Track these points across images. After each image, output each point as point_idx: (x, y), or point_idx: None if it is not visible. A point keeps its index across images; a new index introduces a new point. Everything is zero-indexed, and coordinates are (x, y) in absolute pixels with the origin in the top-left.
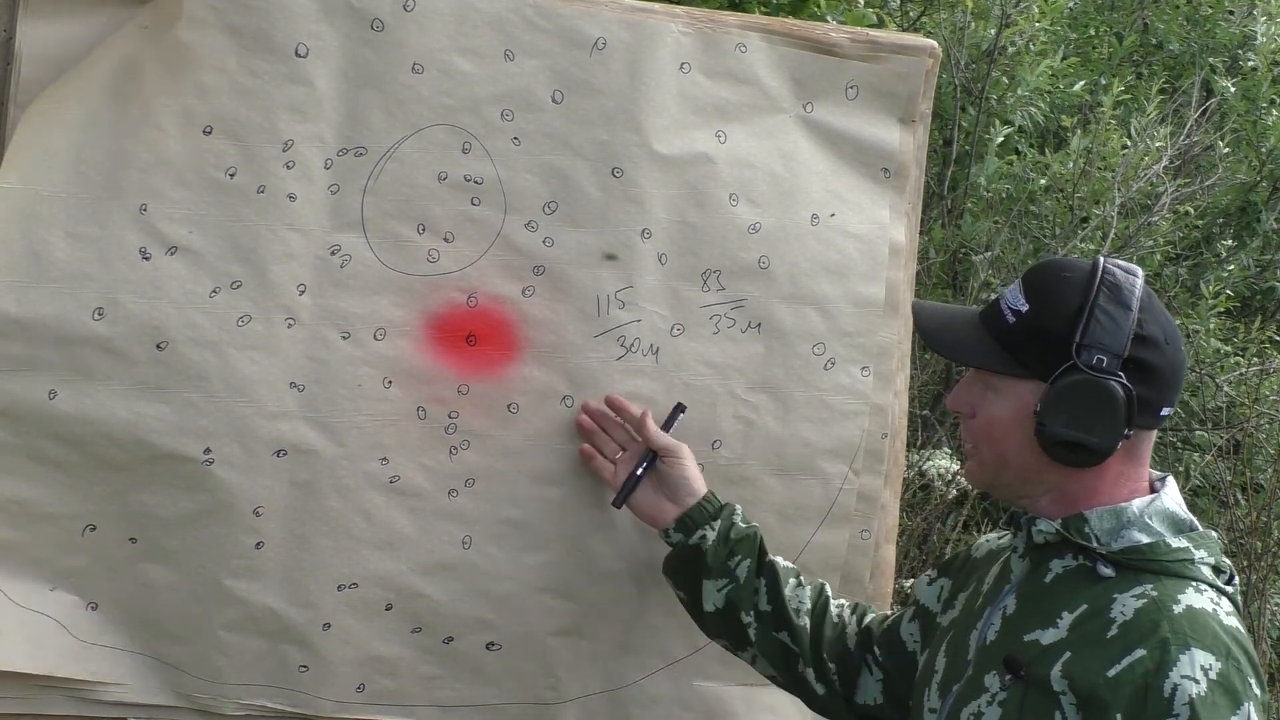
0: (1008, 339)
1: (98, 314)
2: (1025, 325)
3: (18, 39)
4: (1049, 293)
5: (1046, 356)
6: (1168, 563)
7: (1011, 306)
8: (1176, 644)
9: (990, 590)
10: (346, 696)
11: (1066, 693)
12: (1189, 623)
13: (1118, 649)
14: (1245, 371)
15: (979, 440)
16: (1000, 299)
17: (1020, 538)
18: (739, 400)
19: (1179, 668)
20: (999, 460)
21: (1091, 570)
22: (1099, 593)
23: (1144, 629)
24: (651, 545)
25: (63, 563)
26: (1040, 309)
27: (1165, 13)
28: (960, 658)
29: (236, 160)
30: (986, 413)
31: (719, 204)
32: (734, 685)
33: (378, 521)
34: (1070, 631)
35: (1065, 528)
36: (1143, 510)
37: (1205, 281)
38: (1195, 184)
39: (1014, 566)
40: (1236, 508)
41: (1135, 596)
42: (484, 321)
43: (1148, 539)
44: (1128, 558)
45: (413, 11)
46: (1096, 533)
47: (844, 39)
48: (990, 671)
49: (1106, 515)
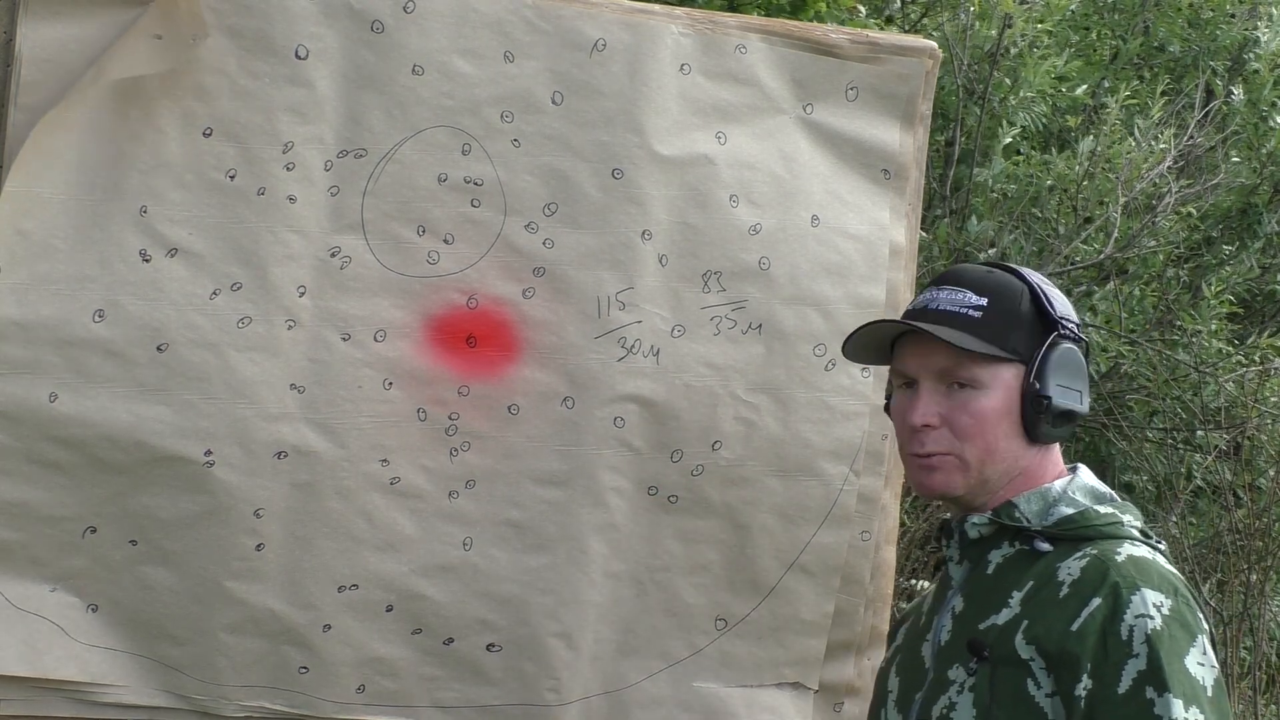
0: (983, 330)
1: (98, 316)
2: (995, 314)
3: (18, 40)
4: (994, 286)
5: (1031, 335)
6: (1100, 527)
7: (969, 304)
8: (1126, 587)
9: (932, 605)
10: (347, 697)
11: (1035, 658)
12: (1134, 568)
13: (1074, 604)
14: (1245, 372)
15: (964, 440)
16: (936, 304)
17: (953, 545)
18: (740, 401)
19: (1132, 608)
20: (986, 455)
21: (1030, 551)
22: (1041, 568)
23: (1094, 581)
24: (651, 546)
25: (63, 564)
26: (999, 298)
27: (1167, 15)
28: (915, 671)
29: (237, 162)
30: (973, 409)
31: (719, 205)
32: (735, 687)
33: (378, 523)
34: (1023, 606)
35: (998, 515)
36: (1065, 488)
37: (1207, 283)
38: (1198, 184)
39: (952, 574)
40: (1237, 509)
41: (1077, 559)
42: (484, 323)
43: (1075, 510)
44: (1062, 530)
45: (413, 13)
46: (1026, 514)
47: (844, 40)
48: (952, 665)
49: (1034, 497)
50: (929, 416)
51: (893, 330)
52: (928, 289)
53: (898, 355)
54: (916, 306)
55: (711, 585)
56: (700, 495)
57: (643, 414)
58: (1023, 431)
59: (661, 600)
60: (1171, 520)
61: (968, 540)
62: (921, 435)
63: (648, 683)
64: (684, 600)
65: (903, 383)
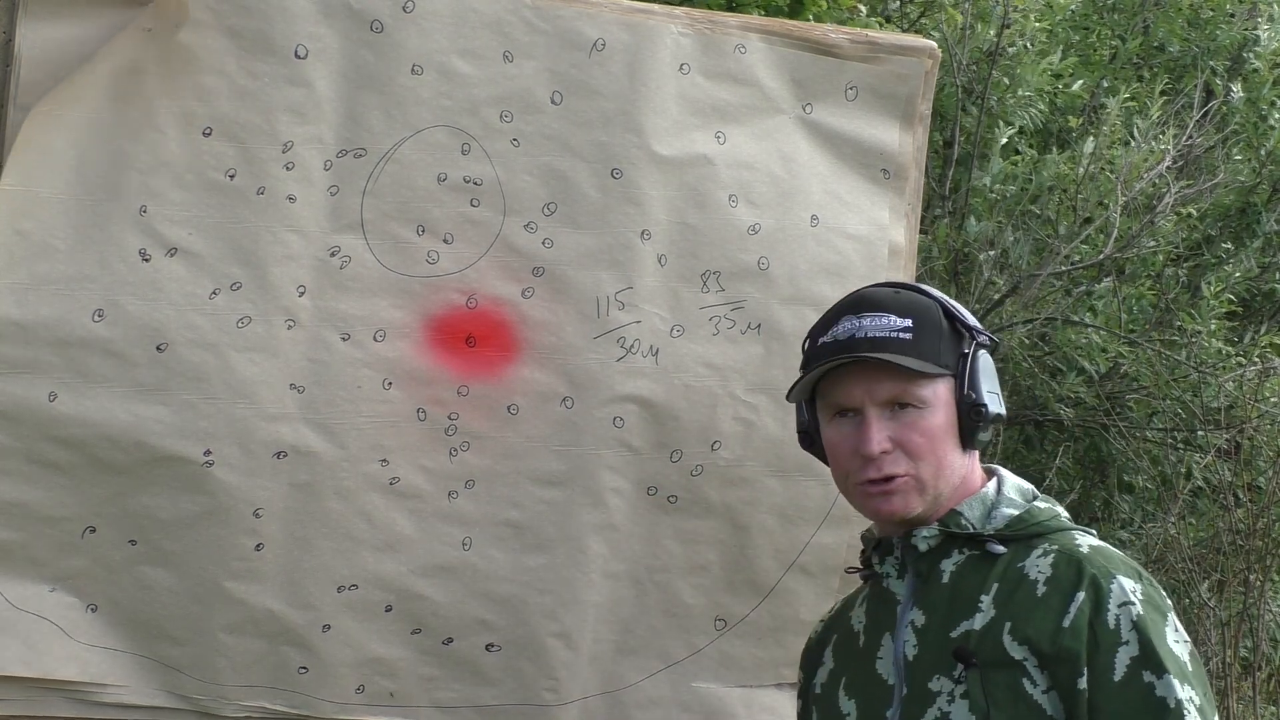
0: (917, 350)
1: (98, 316)
2: (923, 332)
3: (17, 40)
4: (911, 306)
5: (955, 348)
6: (1045, 522)
7: (896, 328)
8: (1103, 577)
9: (872, 623)
10: (346, 698)
11: (1028, 657)
12: (1101, 557)
13: (1057, 601)
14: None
15: (918, 460)
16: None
17: (890, 562)
18: (739, 401)
19: (1114, 597)
20: (938, 470)
21: (983, 555)
22: (1001, 570)
23: (1070, 576)
24: (651, 546)
25: (62, 565)
26: (921, 318)
27: (1167, 15)
28: (874, 688)
29: (236, 162)
30: (922, 428)
31: (718, 205)
32: (734, 687)
33: (378, 523)
34: (998, 607)
35: (945, 525)
36: (999, 490)
37: (1206, 282)
38: (1198, 184)
39: (894, 590)
40: (1237, 509)
41: (1040, 556)
42: (483, 323)
43: (1018, 510)
44: (1012, 531)
45: (412, 13)
46: (971, 520)
47: (843, 40)
48: (931, 678)
49: (974, 503)
50: (884, 442)
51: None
52: (843, 319)
53: (832, 388)
54: (841, 337)
55: (711, 585)
56: (699, 495)
57: (642, 414)
58: (959, 442)
59: (661, 600)
60: (1171, 520)
61: (915, 553)
62: (879, 462)
63: (647, 683)
64: (683, 600)
65: (835, 414)
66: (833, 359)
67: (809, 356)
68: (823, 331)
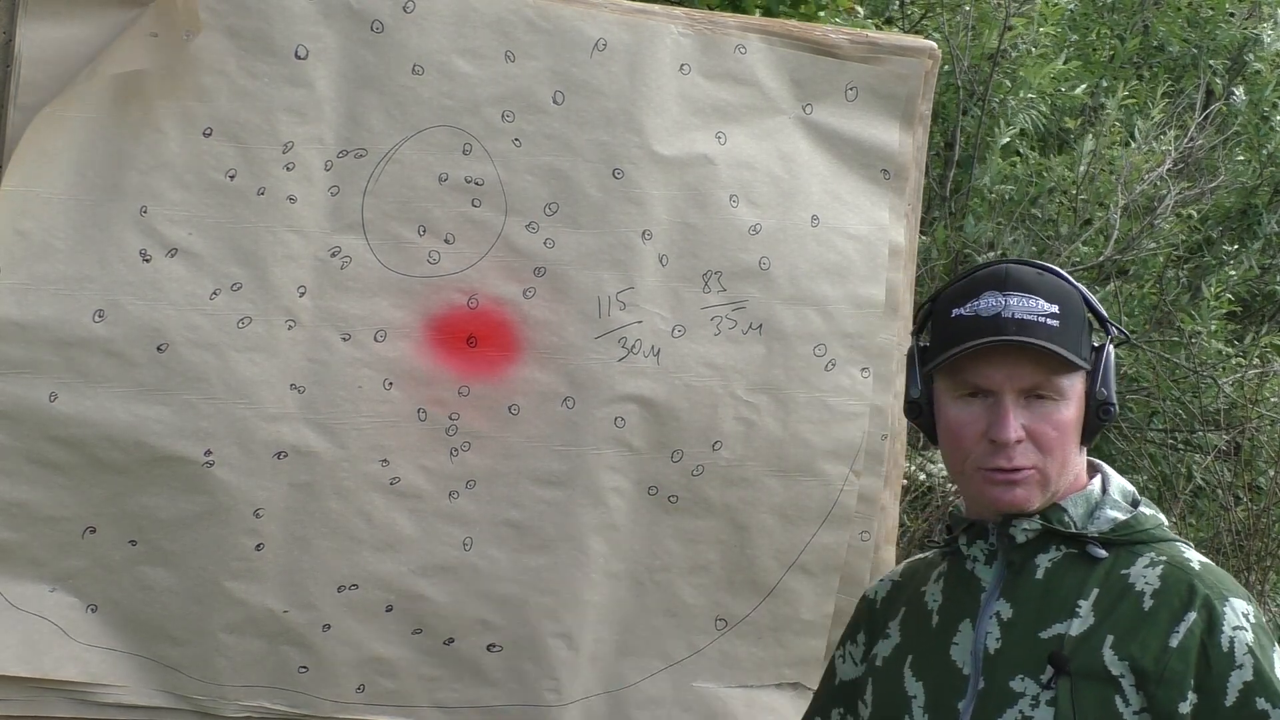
0: (1063, 340)
1: (98, 316)
2: (1069, 321)
3: (17, 41)
4: (1058, 292)
5: (1089, 342)
6: (1152, 530)
7: (1044, 313)
8: (1216, 598)
9: (950, 605)
10: (347, 697)
11: (1126, 674)
12: (1214, 576)
13: (1165, 618)
14: (1245, 374)
15: (1047, 454)
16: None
17: (979, 546)
18: (740, 401)
19: (1228, 620)
20: (1063, 466)
21: (1081, 555)
22: (1103, 574)
23: (1181, 592)
24: (651, 546)
25: (62, 565)
26: (1066, 305)
27: (1166, 15)
28: (947, 675)
29: (236, 162)
30: (1055, 420)
31: (719, 205)
32: (735, 687)
33: (378, 523)
34: (1097, 616)
35: (1047, 520)
36: (1103, 490)
37: (1207, 284)
38: (1198, 186)
39: (981, 575)
40: (1237, 509)
41: (1148, 566)
42: (484, 323)
43: (1123, 515)
44: (1117, 535)
45: (412, 13)
46: (1074, 518)
47: (843, 40)
48: (1014, 676)
49: (1079, 500)
50: (1019, 431)
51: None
52: (985, 294)
53: (969, 365)
54: (985, 314)
55: (711, 585)
56: (700, 495)
57: (643, 414)
58: (1080, 439)
59: (661, 600)
60: (1171, 521)
61: (1010, 544)
62: (1010, 450)
63: (647, 683)
64: (684, 600)
65: (966, 393)
66: (979, 340)
67: (943, 328)
68: (959, 302)
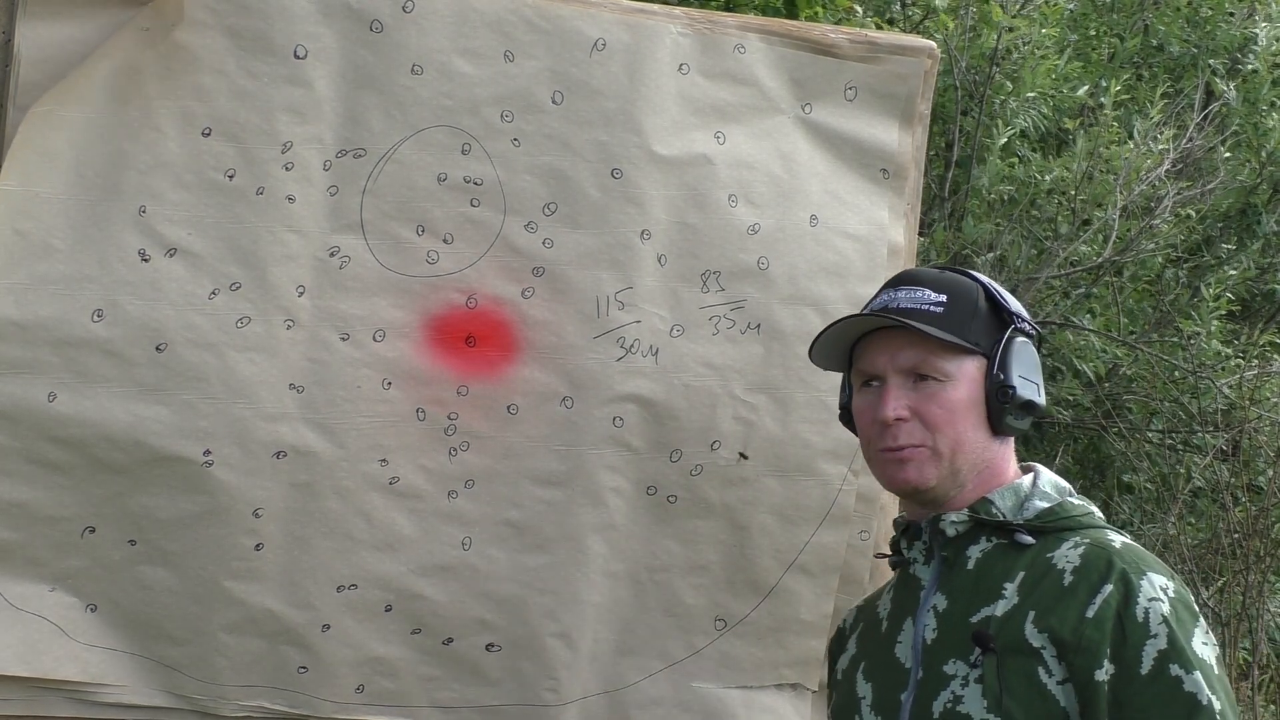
0: (945, 324)
1: (97, 316)
2: (955, 309)
3: (17, 40)
4: (950, 284)
5: (990, 329)
6: (1078, 518)
7: (928, 301)
8: (1134, 572)
9: (896, 609)
10: (346, 697)
11: (1046, 646)
12: (1133, 554)
13: (1084, 592)
14: (1244, 374)
15: (935, 431)
16: (896, 302)
17: (918, 547)
18: (738, 401)
19: (1144, 592)
20: (956, 445)
21: (1009, 545)
22: (1029, 559)
23: (1099, 568)
24: (650, 546)
25: (62, 565)
26: (957, 295)
27: (1165, 14)
28: (892, 672)
29: (235, 162)
30: (941, 399)
31: (718, 205)
32: (734, 688)
33: (377, 523)
34: (1021, 595)
35: (975, 511)
36: (1033, 483)
37: (1206, 284)
38: (1197, 187)
39: (920, 575)
40: (1236, 509)
41: (1070, 548)
42: (483, 323)
43: (1049, 504)
44: (1043, 522)
45: (412, 13)
46: (1002, 509)
47: (843, 40)
48: (947, 661)
49: (1007, 493)
50: (900, 409)
51: (854, 334)
52: (883, 291)
53: (861, 355)
54: (875, 308)
55: (710, 585)
56: (699, 495)
57: (642, 414)
58: (987, 423)
59: (660, 600)
60: (1170, 521)
61: (943, 539)
62: (894, 429)
63: (647, 683)
64: (683, 600)
65: (864, 382)
66: (863, 326)
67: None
68: (869, 301)
